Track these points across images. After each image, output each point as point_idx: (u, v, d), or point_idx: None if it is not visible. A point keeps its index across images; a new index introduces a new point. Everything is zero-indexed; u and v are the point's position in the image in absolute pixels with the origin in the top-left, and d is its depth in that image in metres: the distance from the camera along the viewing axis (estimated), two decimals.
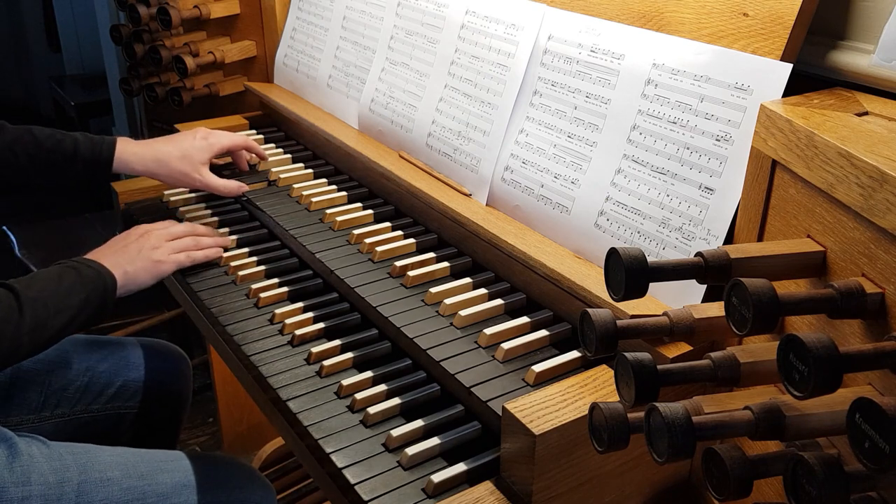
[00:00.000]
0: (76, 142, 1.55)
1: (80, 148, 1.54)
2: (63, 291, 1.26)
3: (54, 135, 1.55)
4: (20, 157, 1.52)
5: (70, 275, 1.29)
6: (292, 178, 1.71)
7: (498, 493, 0.96)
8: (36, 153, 1.52)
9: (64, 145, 1.54)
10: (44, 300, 1.22)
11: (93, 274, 1.32)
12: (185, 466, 1.34)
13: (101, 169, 1.56)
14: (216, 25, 2.05)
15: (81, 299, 1.28)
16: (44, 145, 1.53)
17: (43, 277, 1.27)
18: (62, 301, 1.25)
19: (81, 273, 1.31)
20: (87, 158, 1.54)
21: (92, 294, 1.30)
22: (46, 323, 1.22)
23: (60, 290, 1.26)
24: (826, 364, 0.62)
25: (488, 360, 1.13)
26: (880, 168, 0.72)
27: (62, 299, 1.25)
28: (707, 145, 1.07)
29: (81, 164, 1.54)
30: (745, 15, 1.07)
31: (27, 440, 1.26)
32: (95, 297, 1.30)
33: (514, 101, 1.35)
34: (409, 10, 1.60)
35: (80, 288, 1.28)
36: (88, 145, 1.55)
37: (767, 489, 0.93)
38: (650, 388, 0.75)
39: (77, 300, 1.27)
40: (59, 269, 1.31)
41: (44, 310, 1.22)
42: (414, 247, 1.44)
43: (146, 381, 1.62)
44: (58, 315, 1.24)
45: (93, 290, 1.30)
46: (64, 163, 1.54)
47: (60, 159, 1.54)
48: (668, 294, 1.08)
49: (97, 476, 1.25)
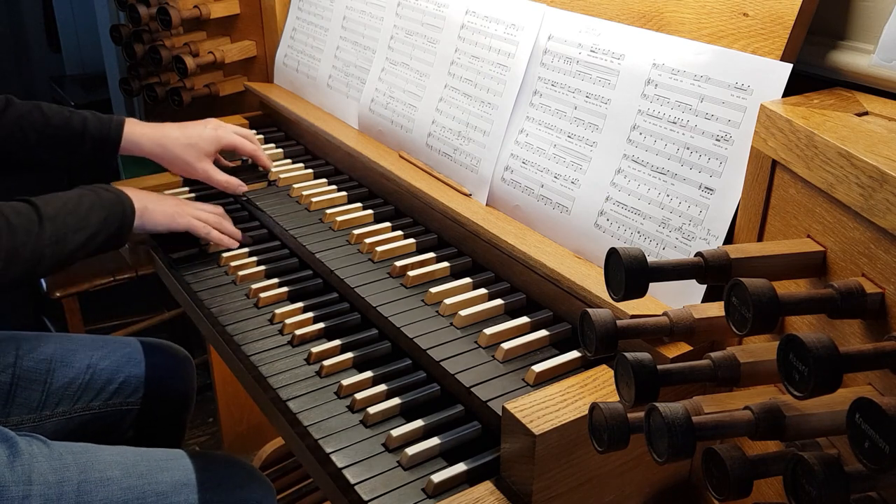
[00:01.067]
0: (85, 120, 1.55)
1: (89, 126, 1.54)
2: (83, 210, 1.31)
3: (63, 112, 1.55)
4: (28, 134, 1.52)
5: (89, 196, 1.34)
6: (292, 178, 1.71)
7: (498, 493, 0.96)
8: (44, 129, 1.53)
9: (73, 123, 1.54)
10: (63, 216, 1.27)
11: (112, 198, 1.36)
12: (185, 465, 1.34)
13: (109, 148, 1.57)
14: (216, 25, 2.05)
15: (100, 219, 1.32)
16: (52, 122, 1.53)
17: (62, 197, 1.31)
18: (81, 219, 1.30)
19: (101, 196, 1.35)
20: (96, 137, 1.55)
21: (111, 216, 1.34)
22: (66, 237, 1.26)
23: (80, 209, 1.30)
24: (826, 364, 0.62)
25: (488, 360, 1.13)
26: (880, 168, 0.72)
27: (81, 218, 1.30)
28: (707, 145, 1.07)
29: (90, 142, 1.55)
30: (745, 15, 1.07)
31: (28, 440, 1.26)
32: (114, 219, 1.35)
33: (514, 101, 1.35)
34: (409, 10, 1.60)
35: (99, 208, 1.33)
36: (97, 124, 1.55)
37: (767, 489, 0.93)
38: (650, 388, 0.75)
39: (96, 220, 1.32)
40: (79, 190, 1.35)
41: (63, 225, 1.26)
42: (414, 247, 1.44)
43: (147, 377, 1.62)
44: (77, 232, 1.28)
45: (111, 212, 1.35)
46: (72, 140, 1.54)
47: (69, 136, 1.54)
48: (668, 294, 1.08)
49: (97, 475, 1.25)
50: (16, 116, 1.51)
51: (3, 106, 1.51)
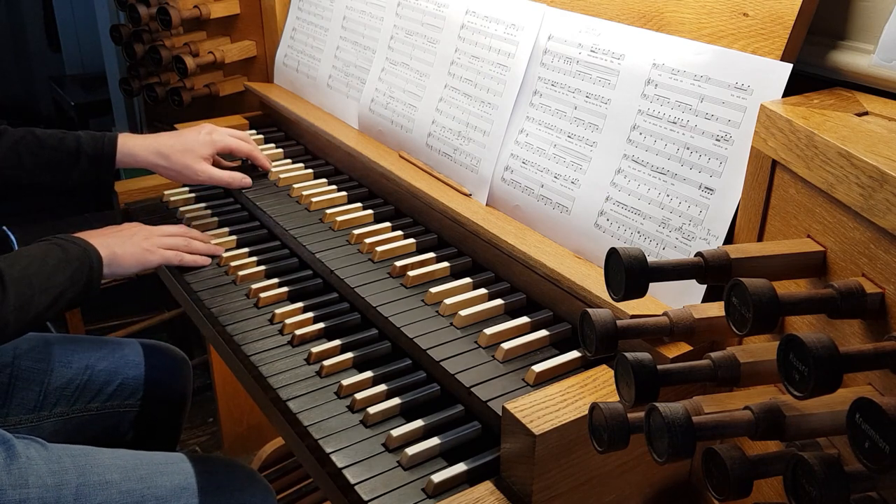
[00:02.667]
0: (78, 138, 1.55)
1: (83, 144, 1.54)
2: (48, 269, 1.25)
3: (55, 133, 1.55)
4: (24, 158, 1.52)
5: (55, 252, 1.29)
6: (292, 178, 1.71)
7: (498, 493, 0.96)
8: (39, 152, 1.53)
9: (66, 143, 1.54)
10: (28, 278, 1.22)
11: (78, 251, 1.32)
12: (185, 469, 1.34)
13: (106, 163, 1.56)
14: (216, 25, 2.05)
15: (66, 277, 1.27)
16: (46, 144, 1.53)
17: (27, 255, 1.26)
18: (47, 279, 1.24)
19: (67, 250, 1.30)
20: (91, 154, 1.55)
21: (77, 271, 1.29)
22: (32, 300, 1.22)
23: (46, 269, 1.25)
24: (826, 364, 0.62)
25: (488, 360, 1.13)
26: (880, 168, 0.72)
27: (47, 277, 1.25)
28: (707, 145, 1.07)
29: (85, 160, 1.54)
30: (745, 15, 1.07)
31: (25, 442, 1.25)
32: (81, 274, 1.30)
33: (514, 101, 1.35)
34: (409, 10, 1.60)
35: (66, 265, 1.28)
36: (91, 141, 1.55)
37: (767, 489, 0.93)
38: (650, 388, 0.75)
39: (62, 278, 1.27)
40: (44, 246, 1.30)
41: (28, 288, 1.21)
42: (414, 247, 1.44)
43: (145, 379, 1.62)
44: (43, 293, 1.23)
45: (78, 268, 1.30)
46: (68, 160, 1.54)
47: (64, 157, 1.54)
48: (668, 294, 1.08)
49: (96, 479, 1.25)
50: (11, 143, 1.51)
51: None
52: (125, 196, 1.78)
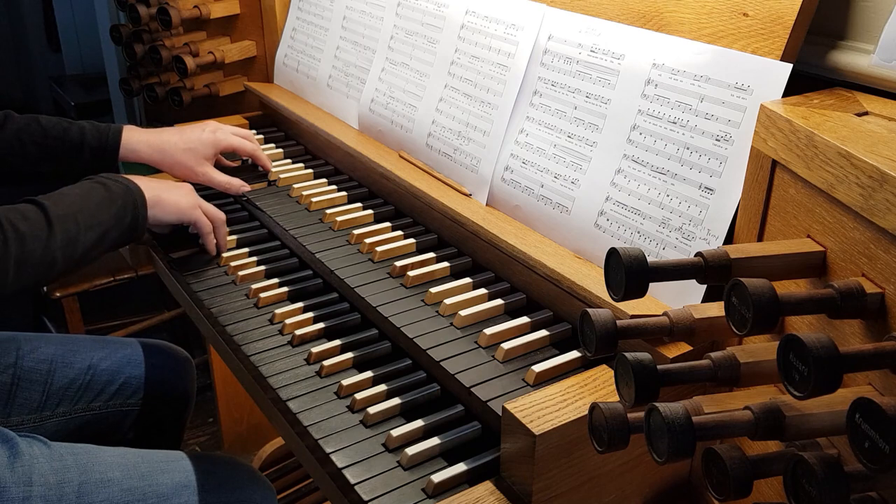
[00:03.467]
0: (83, 130, 1.56)
1: (87, 136, 1.56)
2: (92, 207, 1.27)
3: (60, 123, 1.56)
4: (27, 146, 1.53)
5: (98, 190, 1.30)
6: (292, 178, 1.71)
7: (498, 493, 0.96)
8: (43, 142, 1.54)
9: (70, 133, 1.55)
10: (73, 215, 1.23)
11: (122, 190, 1.33)
12: (186, 467, 1.34)
13: (108, 156, 1.58)
14: (216, 25, 2.05)
15: (111, 214, 1.29)
16: (50, 133, 1.54)
17: (70, 193, 1.28)
18: (92, 216, 1.26)
19: (110, 189, 1.31)
20: (94, 146, 1.56)
21: (122, 209, 1.31)
22: (77, 238, 1.23)
23: (89, 205, 1.27)
24: (826, 364, 0.62)
25: (488, 360, 1.13)
26: (880, 168, 0.72)
27: (92, 214, 1.26)
28: (707, 145, 1.07)
29: (88, 151, 1.56)
30: (745, 15, 1.07)
31: (28, 440, 1.26)
32: (126, 212, 1.31)
33: (514, 101, 1.35)
34: (409, 10, 1.60)
35: (109, 203, 1.29)
36: (95, 133, 1.56)
37: (767, 489, 0.93)
38: (650, 388, 0.75)
39: (107, 215, 1.28)
40: (87, 184, 1.31)
41: (74, 225, 1.23)
42: (414, 247, 1.44)
43: (147, 378, 1.62)
44: (89, 230, 1.25)
45: (122, 205, 1.31)
46: (71, 151, 1.55)
47: (67, 147, 1.55)
48: (668, 294, 1.08)
49: (98, 476, 1.25)
50: (15, 130, 1.52)
51: (2, 120, 1.53)
52: None
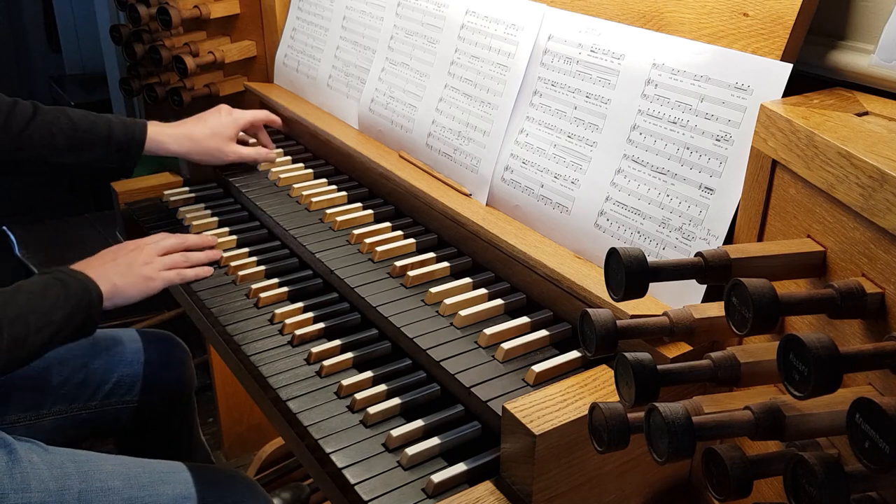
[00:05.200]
0: (110, 123, 1.59)
1: (114, 130, 1.58)
2: (46, 307, 1.23)
3: (88, 116, 1.59)
4: (57, 139, 1.56)
5: (55, 288, 1.26)
6: (292, 178, 1.71)
7: (498, 493, 0.96)
8: (72, 135, 1.56)
9: (98, 127, 1.58)
10: (25, 317, 1.20)
11: (79, 287, 1.29)
12: (186, 478, 1.34)
13: (134, 150, 1.60)
14: (216, 25, 2.05)
15: (65, 315, 1.25)
16: (79, 127, 1.57)
17: (26, 291, 1.24)
18: (44, 317, 1.22)
19: (67, 285, 1.28)
20: (121, 140, 1.58)
21: (76, 309, 1.27)
22: (27, 340, 1.19)
23: (44, 306, 1.23)
24: (826, 364, 0.62)
25: (488, 360, 1.13)
26: (880, 168, 0.72)
27: (44, 315, 1.22)
28: (707, 145, 1.07)
29: (115, 145, 1.58)
30: (745, 15, 1.07)
31: (28, 446, 1.25)
32: (80, 311, 1.28)
33: (514, 101, 1.35)
34: (409, 10, 1.60)
35: (64, 302, 1.25)
36: (121, 127, 1.59)
37: (767, 489, 0.93)
38: (650, 388, 0.75)
39: (60, 315, 1.24)
40: (44, 280, 1.27)
41: (24, 328, 1.19)
42: (414, 247, 1.44)
43: (141, 374, 1.63)
44: (39, 332, 1.21)
45: (77, 304, 1.27)
46: (98, 144, 1.58)
47: (95, 141, 1.58)
48: (668, 294, 1.08)
49: (98, 485, 1.25)
50: (45, 121, 1.55)
51: (32, 112, 1.56)
52: (125, 196, 1.78)
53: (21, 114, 1.54)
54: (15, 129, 1.53)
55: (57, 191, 4.36)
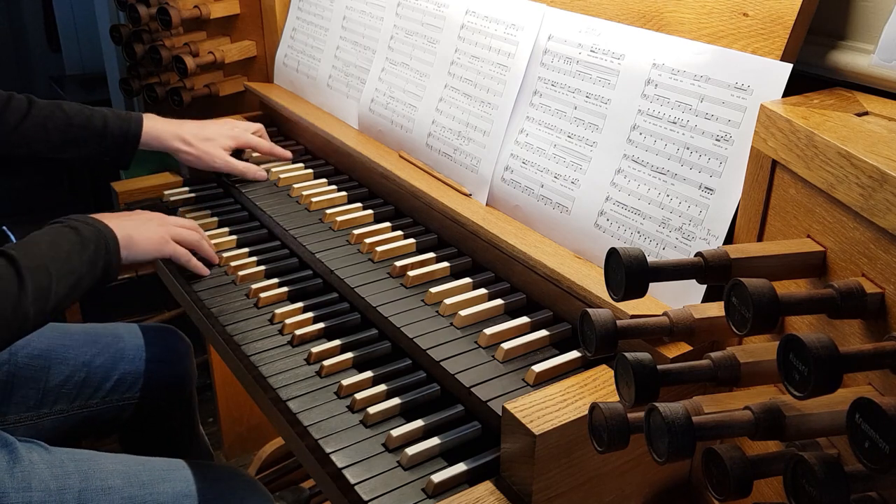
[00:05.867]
0: (105, 117, 1.58)
1: (110, 123, 1.57)
2: (64, 254, 1.22)
3: (83, 110, 1.58)
4: (51, 133, 1.55)
5: (69, 235, 1.25)
6: (292, 178, 1.71)
7: (498, 493, 0.96)
8: (67, 129, 1.56)
9: (94, 121, 1.57)
10: (44, 266, 1.18)
11: (93, 233, 1.28)
12: (187, 476, 1.34)
13: (130, 144, 1.59)
14: (216, 25, 2.05)
15: (84, 260, 1.24)
16: (74, 121, 1.56)
17: (40, 240, 1.22)
18: (64, 264, 1.21)
19: (81, 233, 1.27)
20: (117, 133, 1.58)
21: (94, 255, 1.26)
22: (50, 289, 1.18)
23: (61, 253, 1.21)
24: (826, 364, 0.62)
25: (488, 360, 1.13)
26: (880, 168, 0.72)
27: (64, 262, 1.21)
28: (707, 145, 1.07)
29: (111, 139, 1.58)
30: (745, 15, 1.07)
31: (28, 445, 1.25)
32: (98, 258, 1.27)
33: (514, 101, 1.35)
34: (409, 10, 1.60)
35: (81, 249, 1.24)
36: (117, 121, 1.58)
37: (767, 489, 0.93)
38: (650, 388, 0.75)
39: (79, 262, 1.23)
40: (57, 229, 1.26)
41: (46, 277, 1.17)
42: (414, 247, 1.44)
43: (143, 370, 1.63)
44: (61, 280, 1.20)
45: (94, 250, 1.27)
46: (94, 138, 1.57)
47: (91, 135, 1.57)
48: (668, 294, 1.08)
49: (98, 484, 1.25)
50: (40, 116, 1.54)
51: (27, 106, 1.55)
52: (125, 196, 1.78)
53: (16, 109, 1.54)
54: (11, 124, 1.53)
55: (57, 191, 4.36)
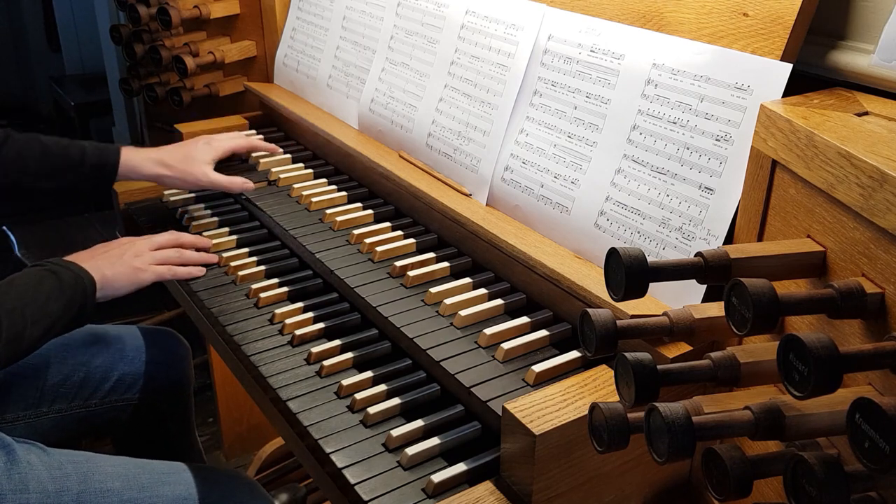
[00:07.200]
0: (83, 149, 1.57)
1: (87, 154, 1.56)
2: (41, 299, 1.23)
3: (60, 142, 1.57)
4: (28, 164, 1.53)
5: (49, 280, 1.26)
6: (292, 178, 1.71)
7: (498, 493, 0.96)
8: (44, 160, 1.54)
9: (71, 152, 1.56)
10: (21, 310, 1.20)
11: (72, 278, 1.30)
12: (187, 479, 1.33)
13: (108, 174, 1.58)
14: (216, 25, 2.05)
15: (60, 306, 1.25)
16: (50, 151, 1.55)
17: (21, 284, 1.24)
18: (40, 309, 1.22)
19: (61, 277, 1.28)
20: (94, 164, 1.56)
21: (71, 299, 1.28)
22: (24, 333, 1.19)
23: (39, 298, 1.23)
24: (826, 364, 0.62)
25: (488, 360, 1.13)
26: (880, 168, 0.72)
27: (40, 307, 1.22)
28: (707, 145, 1.07)
29: (89, 170, 1.56)
30: (745, 15, 1.07)
31: (26, 447, 1.25)
32: (75, 301, 1.28)
33: (514, 101, 1.35)
34: (409, 10, 1.60)
35: (59, 294, 1.26)
36: (95, 152, 1.57)
37: (767, 489, 0.93)
38: (650, 388, 0.75)
39: (55, 307, 1.25)
40: (37, 273, 1.28)
41: (21, 320, 1.19)
42: (414, 247, 1.44)
43: (142, 372, 1.63)
44: (35, 324, 1.21)
45: (72, 294, 1.28)
46: (71, 169, 1.56)
47: (68, 166, 1.56)
48: (668, 294, 1.08)
49: (97, 486, 1.25)
50: (17, 148, 1.53)
51: (3, 137, 1.54)
52: (125, 196, 1.78)
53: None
54: None
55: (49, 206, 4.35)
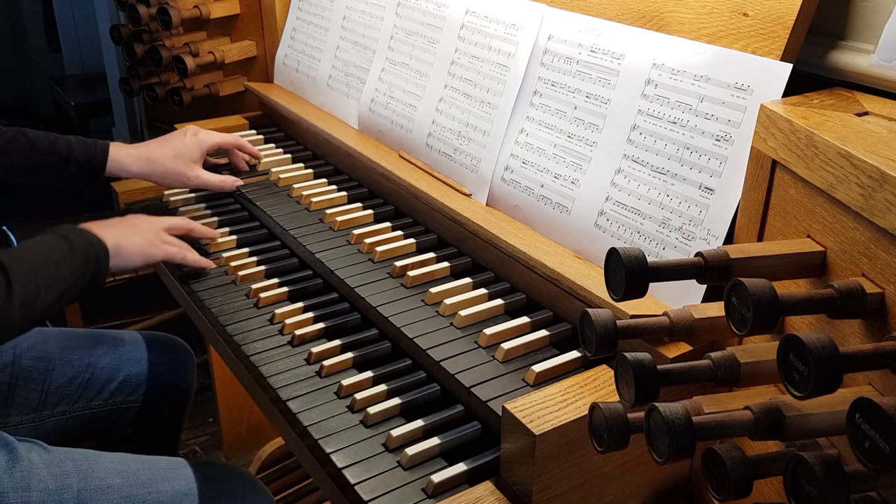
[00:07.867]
0: (69, 144, 1.55)
1: (74, 150, 1.54)
2: (54, 264, 1.23)
3: (47, 137, 1.55)
4: (14, 158, 1.52)
5: (60, 245, 1.26)
6: (292, 178, 1.71)
7: (498, 493, 0.96)
8: (29, 154, 1.53)
9: (57, 148, 1.54)
10: (33, 274, 1.19)
11: (83, 243, 1.29)
12: (187, 475, 1.33)
13: (95, 171, 1.57)
14: (216, 25, 2.05)
15: (73, 270, 1.25)
16: (37, 147, 1.53)
17: (33, 249, 1.24)
18: (53, 274, 1.22)
19: (72, 242, 1.27)
20: (81, 161, 1.55)
21: (83, 265, 1.27)
22: (38, 297, 1.19)
23: (51, 263, 1.22)
24: (826, 364, 0.62)
25: (488, 360, 1.13)
26: (880, 168, 0.72)
27: (53, 272, 1.22)
28: (707, 145, 1.07)
29: (75, 166, 1.54)
30: (745, 15, 1.07)
31: (27, 445, 1.25)
32: (87, 268, 1.28)
33: (514, 101, 1.35)
34: (409, 10, 1.60)
35: (71, 259, 1.25)
36: (82, 148, 1.55)
37: (767, 489, 0.93)
38: (650, 388, 0.75)
39: (68, 272, 1.24)
40: (49, 238, 1.27)
41: (34, 285, 1.18)
42: (414, 247, 1.44)
43: (148, 374, 1.62)
44: (49, 289, 1.20)
45: (84, 260, 1.27)
46: (57, 165, 1.54)
47: (54, 161, 1.54)
48: (668, 294, 1.08)
49: (97, 483, 1.25)
50: (2, 142, 1.51)
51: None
52: (125, 196, 1.78)
53: None
54: None
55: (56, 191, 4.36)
